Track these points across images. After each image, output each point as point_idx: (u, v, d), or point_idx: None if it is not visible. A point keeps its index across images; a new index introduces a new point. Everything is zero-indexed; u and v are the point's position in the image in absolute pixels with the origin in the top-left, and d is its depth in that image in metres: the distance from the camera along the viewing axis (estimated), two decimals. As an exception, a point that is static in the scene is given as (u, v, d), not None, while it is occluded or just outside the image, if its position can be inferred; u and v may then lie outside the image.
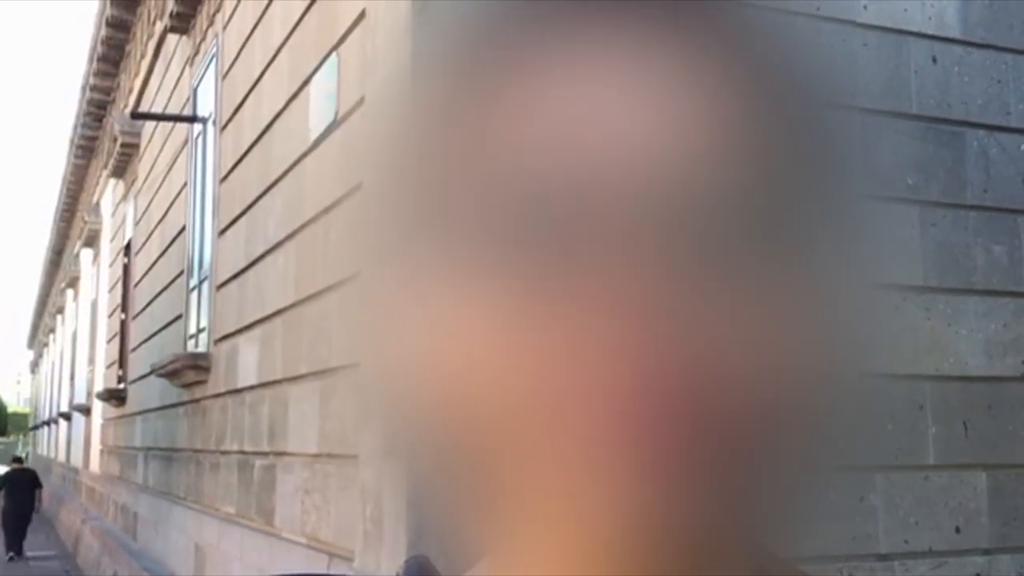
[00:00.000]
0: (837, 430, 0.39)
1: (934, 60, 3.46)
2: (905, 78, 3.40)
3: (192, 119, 7.94)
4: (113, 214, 14.82)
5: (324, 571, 3.78)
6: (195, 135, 7.88)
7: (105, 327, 14.73)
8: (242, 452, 5.67)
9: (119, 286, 13.06)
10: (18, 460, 19.83)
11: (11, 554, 16.26)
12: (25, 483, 16.91)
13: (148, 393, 9.45)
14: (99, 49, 14.32)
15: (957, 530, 3.23)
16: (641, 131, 0.35)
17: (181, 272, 8.07)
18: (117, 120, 12.67)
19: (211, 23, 7.32)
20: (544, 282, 0.34)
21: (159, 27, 9.67)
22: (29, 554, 16.50)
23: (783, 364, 0.34)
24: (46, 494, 18.72)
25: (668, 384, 0.33)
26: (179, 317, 7.98)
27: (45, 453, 33.67)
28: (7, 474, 17.64)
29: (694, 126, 0.35)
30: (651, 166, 0.34)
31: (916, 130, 3.38)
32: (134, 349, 11.06)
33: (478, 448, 0.35)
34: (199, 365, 6.76)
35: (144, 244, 10.88)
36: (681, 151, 0.34)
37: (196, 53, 7.98)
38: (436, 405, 0.36)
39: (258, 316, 5.34)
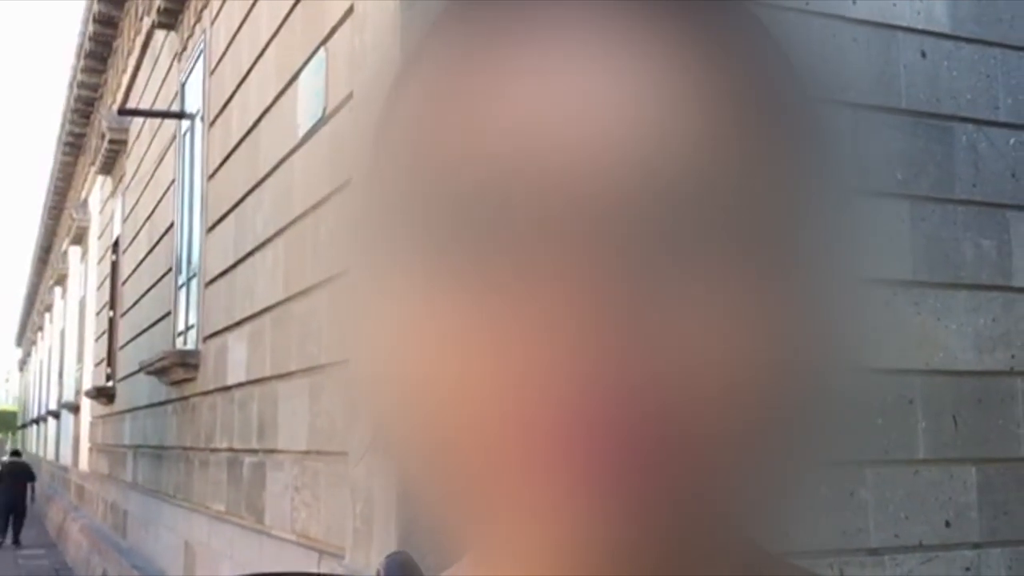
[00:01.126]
0: (827, 425, 0.38)
1: (923, 55, 3.46)
2: (894, 73, 3.40)
3: (180, 115, 7.91)
4: (101, 211, 14.77)
5: (314, 568, 3.78)
6: (183, 131, 7.85)
7: (93, 325, 14.68)
8: (232, 450, 5.66)
9: (107, 283, 13.02)
10: (16, 453, 21.00)
11: (4, 541, 17.21)
12: (20, 475, 17.98)
13: (137, 391, 9.42)
14: (86, 45, 14.26)
15: (947, 524, 3.24)
16: (623, 127, 0.34)
17: (169, 269, 8.05)
18: (105, 116, 12.63)
19: (198, 19, 7.29)
20: (523, 279, 0.33)
21: (146, 23, 9.63)
22: (19, 552, 16.46)
23: (771, 360, 0.34)
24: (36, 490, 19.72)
25: (649, 381, 0.32)
26: (167, 314, 7.96)
27: (34, 451, 33.57)
28: (3, 467, 18.59)
29: (678, 120, 0.34)
30: (632, 165, 0.33)
31: (905, 125, 3.38)
32: (122, 347, 11.03)
33: (461, 446, 0.34)
34: (188, 363, 6.74)
35: (132, 241, 10.84)
36: (662, 146, 0.34)
37: (184, 49, 7.95)
38: (418, 403, 0.35)
39: (247, 313, 5.33)
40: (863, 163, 3.23)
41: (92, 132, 15.90)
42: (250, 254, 5.32)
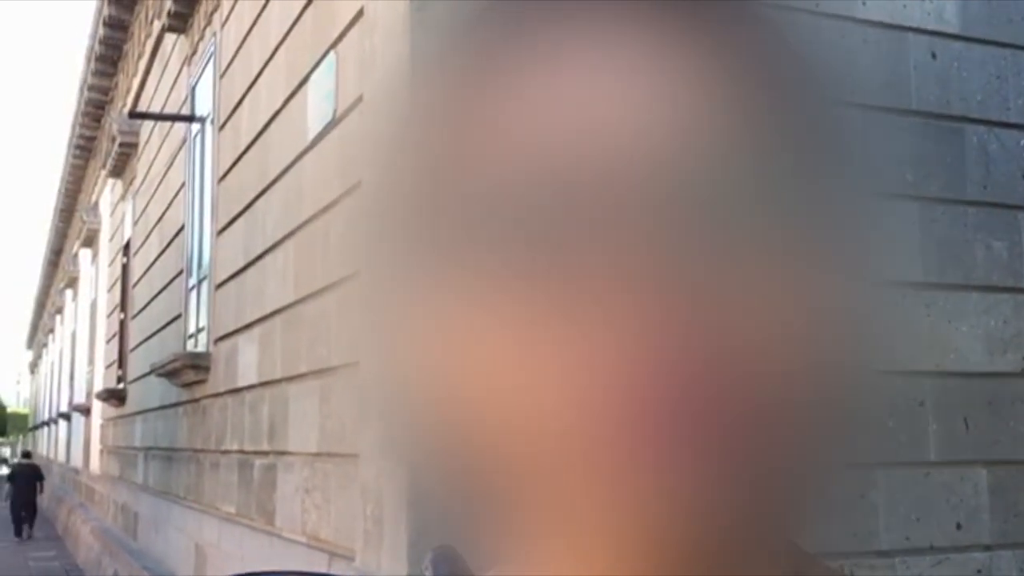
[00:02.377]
0: (839, 427, 0.38)
1: (934, 56, 3.45)
2: (905, 74, 3.40)
3: (190, 118, 7.93)
4: (112, 214, 14.81)
5: (324, 570, 3.78)
6: (193, 134, 7.87)
7: (104, 327, 14.73)
8: (242, 451, 5.67)
9: (118, 286, 13.06)
10: (27, 455, 23.59)
11: (19, 537, 18.85)
12: (30, 475, 19.90)
13: (148, 393, 9.44)
14: (97, 49, 14.31)
15: (958, 527, 3.23)
16: (640, 128, 0.34)
17: (180, 272, 8.07)
18: (115, 120, 12.66)
19: (209, 22, 7.31)
20: (544, 281, 0.33)
21: (157, 26, 9.66)
22: (30, 554, 16.53)
23: (791, 362, 0.34)
24: (46, 493, 21.37)
25: (677, 384, 0.32)
26: (178, 317, 7.98)
27: (45, 453, 33.65)
28: (15, 467, 21.08)
29: (695, 123, 0.34)
30: (651, 164, 0.33)
31: (916, 126, 3.37)
32: (133, 349, 11.05)
33: (479, 448, 0.35)
34: (198, 365, 6.75)
35: (143, 244, 10.87)
36: (681, 148, 0.34)
37: (194, 52, 7.97)
38: (435, 405, 0.35)
39: (257, 315, 5.34)
40: (873, 164, 3.22)
41: (103, 135, 15.95)
42: (260, 256, 5.33)
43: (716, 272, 0.33)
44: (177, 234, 8.39)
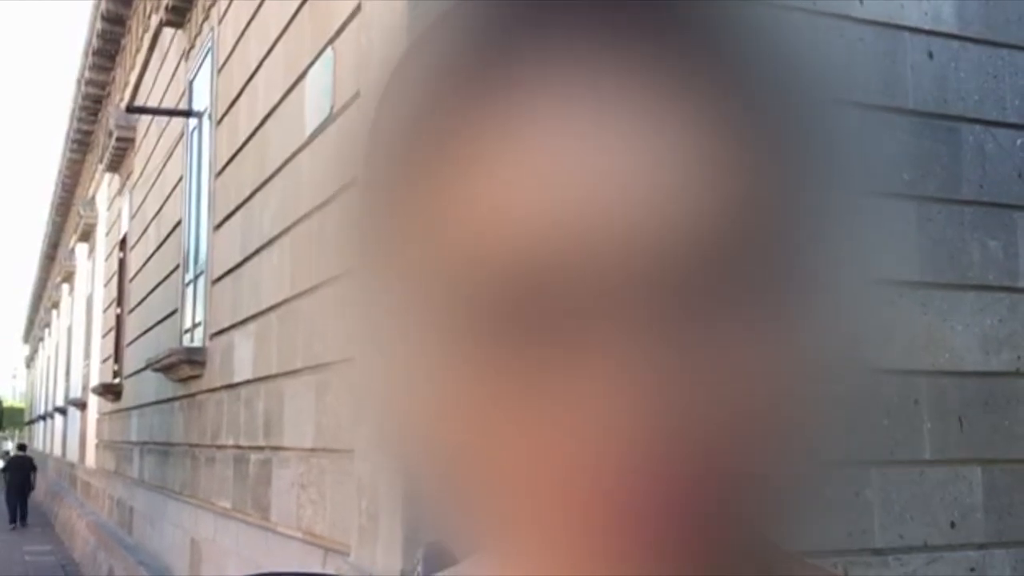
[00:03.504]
0: (834, 426, 0.38)
1: (930, 55, 3.46)
2: (901, 73, 3.40)
3: (187, 113, 7.93)
4: (108, 208, 14.79)
5: (318, 567, 3.78)
6: (190, 129, 7.86)
7: (101, 322, 14.71)
8: (238, 447, 5.67)
9: (114, 280, 13.05)
10: (22, 448, 25.50)
11: (13, 524, 20.42)
12: (24, 466, 21.71)
13: (144, 388, 9.44)
14: (94, 43, 14.28)
15: (952, 525, 3.24)
16: (640, 186, 0.33)
17: (177, 267, 8.06)
18: (112, 114, 12.65)
19: (206, 16, 7.30)
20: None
21: (155, 20, 9.64)
22: (26, 548, 16.53)
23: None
24: (41, 489, 23.41)
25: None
26: (175, 312, 7.98)
27: (41, 448, 33.61)
28: (11, 459, 22.96)
29: (694, 177, 0.33)
30: (656, 223, 0.33)
31: (912, 126, 3.37)
32: (130, 344, 11.05)
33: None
34: (194, 360, 6.75)
35: (140, 238, 10.86)
36: (681, 205, 0.33)
37: (192, 47, 7.96)
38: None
39: (253, 311, 5.34)
40: (869, 164, 3.22)
41: (100, 129, 15.92)
42: (257, 252, 5.33)
43: (729, 326, 0.33)
44: (174, 229, 8.38)
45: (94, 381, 14.34)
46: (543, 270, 0.33)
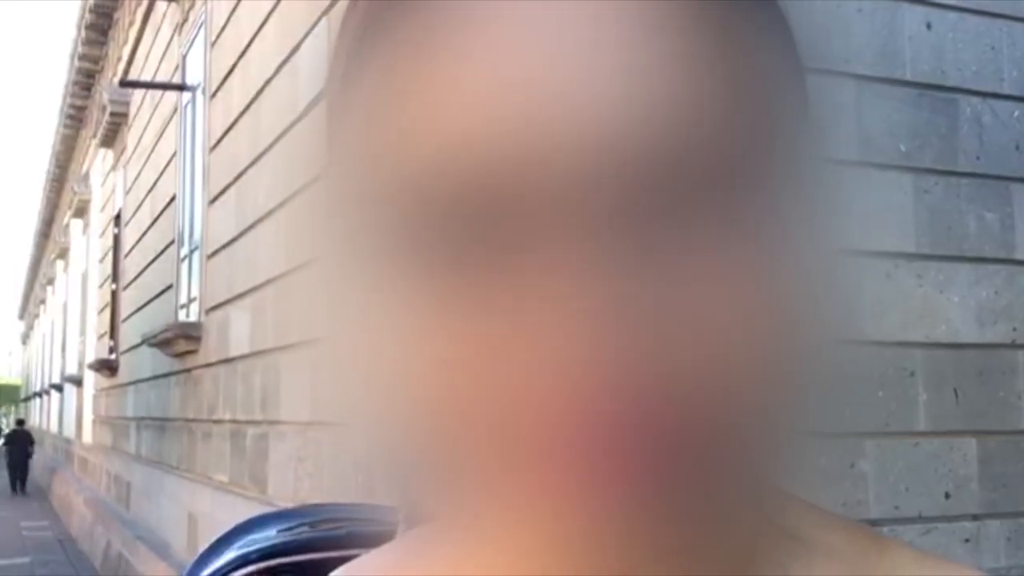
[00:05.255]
0: (826, 397, 0.37)
1: (928, 26, 3.44)
2: (899, 44, 3.38)
3: (181, 87, 7.89)
4: (103, 184, 14.75)
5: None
6: (184, 104, 7.82)
7: (96, 298, 14.70)
8: (234, 421, 5.68)
9: (109, 256, 13.02)
10: (20, 423, 28.01)
11: (14, 492, 22.80)
12: (23, 438, 24.21)
13: (140, 363, 9.44)
14: (87, 17, 14.19)
15: (947, 496, 3.25)
16: (599, 98, 0.30)
17: (171, 242, 8.05)
18: (106, 89, 12.59)
19: (199, -10, 7.25)
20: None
21: (147, -6, 9.57)
22: (23, 524, 16.59)
23: (769, 328, 0.32)
24: (38, 465, 25.35)
25: (654, 366, 0.30)
26: (170, 287, 7.97)
27: (37, 424, 33.65)
28: (10, 434, 25.64)
29: (658, 85, 0.31)
30: (614, 136, 0.30)
31: (910, 97, 3.36)
32: (125, 319, 11.04)
33: (427, 391, 0.33)
34: (190, 335, 6.75)
35: (134, 214, 10.83)
36: (643, 116, 0.30)
37: (185, 20, 7.91)
38: (387, 356, 0.34)
39: (249, 286, 5.33)
40: (866, 135, 3.21)
41: (93, 104, 15.84)
42: (252, 226, 5.32)
43: (690, 245, 0.31)
44: (168, 204, 8.35)
45: (90, 357, 14.34)
46: (495, 181, 0.31)
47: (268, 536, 0.57)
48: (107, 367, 11.99)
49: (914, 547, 0.41)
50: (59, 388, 22.88)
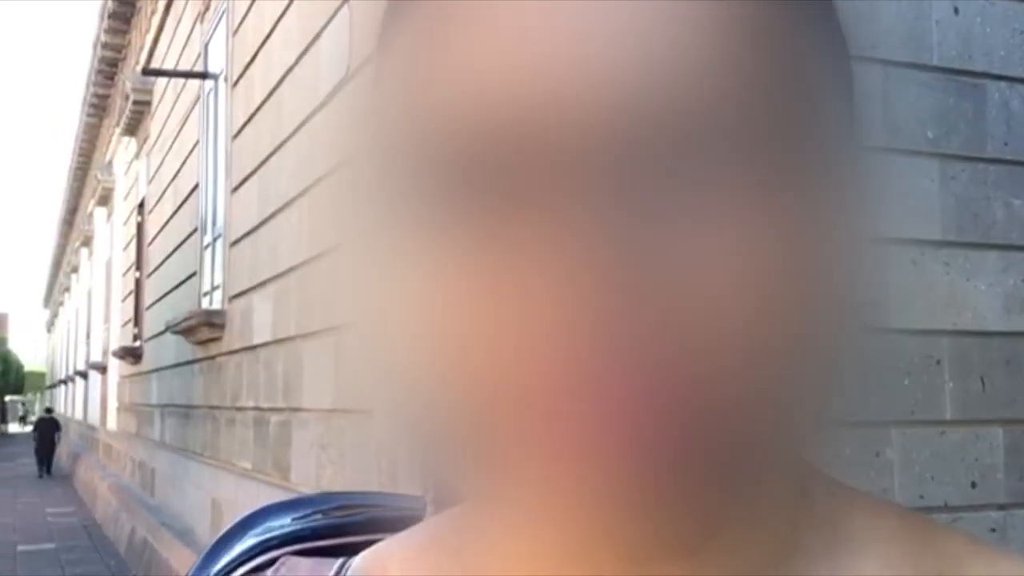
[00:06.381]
0: (853, 384, 0.36)
1: (956, 11, 3.40)
2: (926, 29, 3.34)
3: (203, 75, 7.91)
4: (126, 172, 14.83)
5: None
6: (206, 92, 7.85)
7: (120, 285, 14.80)
8: (258, 408, 5.71)
9: (133, 244, 13.10)
10: (49, 411, 30.17)
11: (41, 475, 24.88)
12: (50, 425, 26.07)
13: (163, 350, 9.50)
14: (110, 5, 14.26)
15: (973, 485, 3.23)
16: (609, 49, 0.30)
17: (195, 230, 8.08)
18: (129, 77, 12.65)
19: (221, -22, 7.26)
20: (511, 226, 0.30)
21: (169, -17, 9.60)
22: (48, 510, 16.78)
23: (788, 305, 0.31)
24: (63, 451, 26.59)
25: (661, 326, 0.29)
26: (193, 275, 8.01)
27: (62, 411, 33.97)
28: (39, 421, 27.40)
29: (677, 38, 0.30)
30: (623, 89, 0.30)
31: (936, 82, 3.32)
32: (149, 307, 11.11)
33: (459, 401, 0.32)
34: (214, 322, 6.78)
35: (157, 202, 10.89)
36: (656, 70, 0.30)
37: (207, 9, 7.93)
38: (425, 364, 0.33)
39: (272, 273, 5.35)
40: (893, 121, 3.18)
41: (116, 93, 15.93)
42: (274, 214, 5.33)
43: (704, 207, 0.30)
44: (191, 192, 8.39)
45: (114, 345, 14.45)
46: (503, 135, 0.30)
47: (284, 523, 0.57)
48: (131, 354, 12.08)
49: (969, 533, 0.40)
50: (84, 375, 23.07)
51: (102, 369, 17.08)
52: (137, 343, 11.97)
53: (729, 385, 0.30)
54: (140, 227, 12.41)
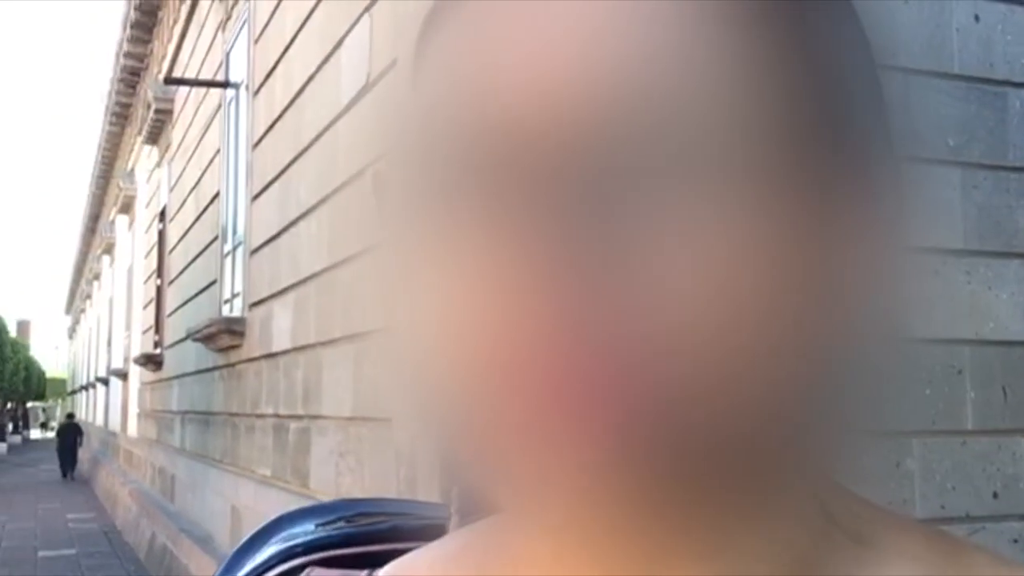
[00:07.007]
0: (872, 395, 0.36)
1: (976, 18, 3.38)
2: (947, 36, 3.33)
3: (225, 84, 7.95)
4: (148, 180, 14.92)
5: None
6: (228, 100, 7.89)
7: (141, 293, 14.88)
8: (277, 416, 5.72)
9: (154, 252, 13.18)
10: (71, 416, 30.88)
11: (64, 477, 25.94)
12: (73, 430, 27.33)
13: (184, 358, 9.55)
14: (132, 15, 14.36)
15: (995, 495, 3.20)
16: (593, 47, 0.31)
17: (215, 238, 8.12)
18: (151, 86, 12.72)
19: (243, -12, 7.30)
20: (490, 229, 0.31)
21: (191, -8, 9.67)
22: (69, 515, 16.86)
23: (787, 313, 0.31)
24: (84, 457, 27.39)
25: (638, 328, 0.30)
26: (214, 282, 8.04)
27: (83, 417, 34.16)
28: (61, 426, 28.78)
29: (661, 36, 0.31)
30: (608, 88, 0.30)
31: (958, 90, 3.31)
32: (170, 314, 11.17)
33: (492, 412, 0.32)
34: (234, 330, 6.81)
35: (179, 210, 10.95)
36: (641, 67, 0.30)
37: (228, 18, 7.98)
38: (451, 370, 0.33)
39: (292, 281, 5.37)
40: (914, 129, 3.17)
41: (138, 102, 16.04)
42: (295, 222, 5.36)
43: (682, 209, 0.30)
44: (212, 200, 8.43)
45: (135, 352, 14.52)
46: (498, 140, 0.31)
47: (307, 530, 0.56)
48: (152, 361, 12.14)
49: (992, 551, 0.40)
50: (105, 382, 23.19)
51: (123, 376, 17.17)
52: (158, 350, 12.03)
53: (721, 389, 0.30)
54: (161, 235, 12.48)
